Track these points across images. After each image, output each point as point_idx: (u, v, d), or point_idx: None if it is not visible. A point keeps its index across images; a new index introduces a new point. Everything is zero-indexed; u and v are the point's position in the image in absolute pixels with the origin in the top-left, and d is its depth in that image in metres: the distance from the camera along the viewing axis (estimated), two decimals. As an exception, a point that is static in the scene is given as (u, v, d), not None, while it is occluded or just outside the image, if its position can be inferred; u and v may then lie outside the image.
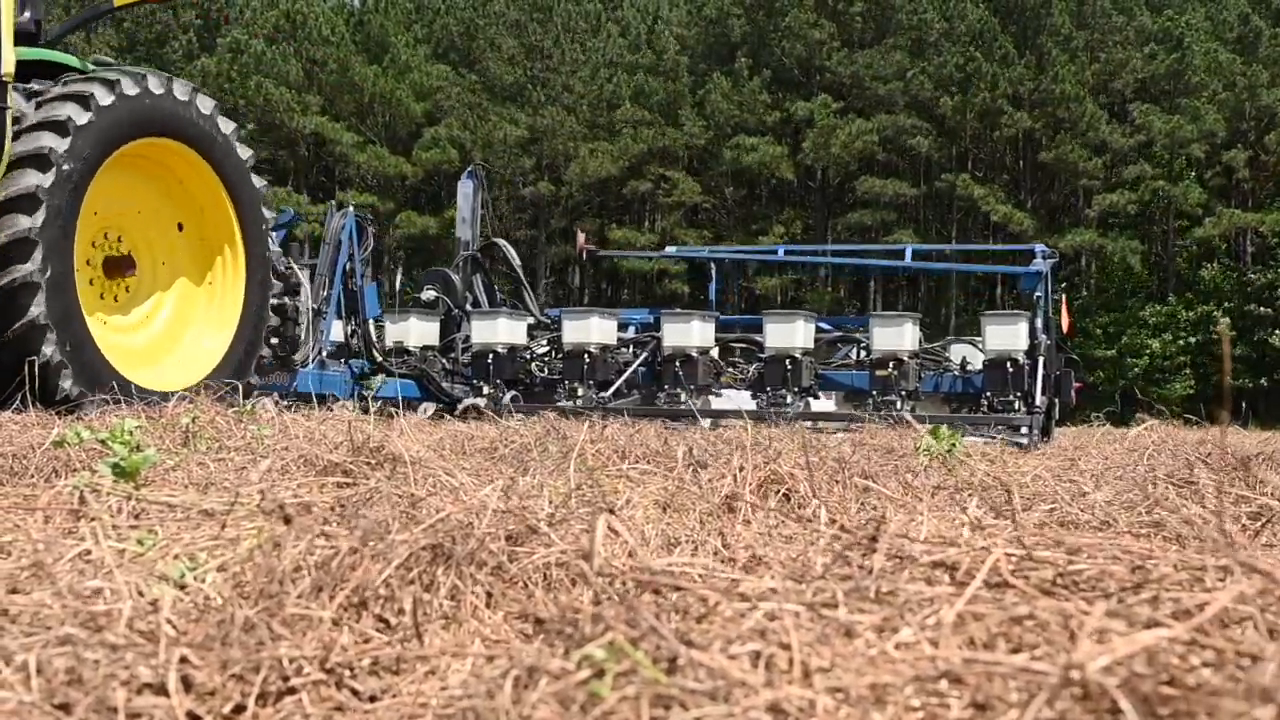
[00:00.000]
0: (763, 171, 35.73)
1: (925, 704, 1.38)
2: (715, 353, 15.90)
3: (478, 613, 2.27)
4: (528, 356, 16.00)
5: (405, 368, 15.32)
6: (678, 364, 14.58)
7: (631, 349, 15.80)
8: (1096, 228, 33.24)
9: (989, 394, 13.82)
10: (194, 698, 1.72)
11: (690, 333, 14.80)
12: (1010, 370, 13.63)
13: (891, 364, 13.98)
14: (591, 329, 15.17)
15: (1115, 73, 33.55)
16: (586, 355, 14.95)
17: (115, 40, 37.82)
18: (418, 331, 16.14)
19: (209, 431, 5.73)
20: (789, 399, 14.04)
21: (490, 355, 15.41)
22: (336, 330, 14.99)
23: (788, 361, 14.24)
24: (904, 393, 13.87)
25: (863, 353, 15.18)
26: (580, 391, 14.85)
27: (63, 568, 2.29)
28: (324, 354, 14.16)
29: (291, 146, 37.47)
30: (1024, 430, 13.08)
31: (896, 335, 14.25)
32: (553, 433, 6.34)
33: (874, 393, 13.91)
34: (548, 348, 16.24)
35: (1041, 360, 13.92)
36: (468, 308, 16.51)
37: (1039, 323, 14.36)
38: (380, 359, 15.09)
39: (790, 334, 14.47)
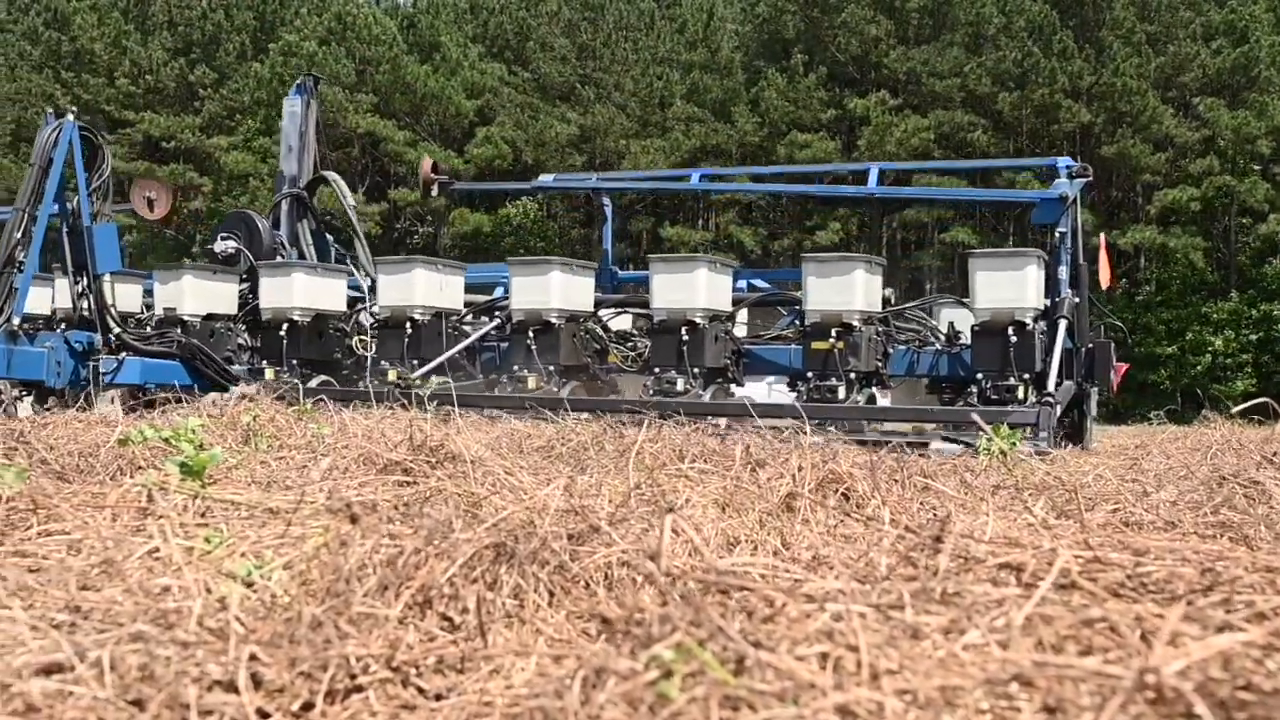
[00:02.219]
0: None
1: (995, 707, 1.37)
2: (623, 323, 12.09)
3: (540, 611, 2.28)
4: (346, 329, 12.01)
5: (164, 342, 11.53)
6: (531, 335, 10.56)
7: (487, 318, 11.87)
8: (1157, 224, 32.79)
9: (980, 375, 9.55)
10: (263, 695, 1.74)
11: (548, 289, 10.63)
12: (1013, 340, 9.34)
13: (834, 332, 9.71)
14: (415, 286, 11.17)
15: (1182, 67, 33.05)
16: (409, 324, 11.13)
17: (170, 43, 38.23)
18: (197, 294, 12.03)
19: (269, 430, 5.80)
20: (681, 386, 10.05)
21: (285, 325, 11.58)
22: (54, 292, 11.76)
23: (684, 331, 10.09)
24: (852, 375, 9.77)
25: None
26: (392, 374, 10.86)
27: (132, 565, 2.32)
28: (14, 321, 10.70)
29: (345, 146, 37.73)
30: (1036, 431, 8.63)
31: (839, 289, 9.78)
32: (609, 431, 6.34)
33: (809, 375, 9.86)
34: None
35: (1063, 326, 9.75)
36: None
37: (1062, 271, 10.15)
38: (118, 329, 11.34)
39: (689, 289, 10.20)
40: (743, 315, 12.00)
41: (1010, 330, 9.36)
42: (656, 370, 10.27)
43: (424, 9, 41.44)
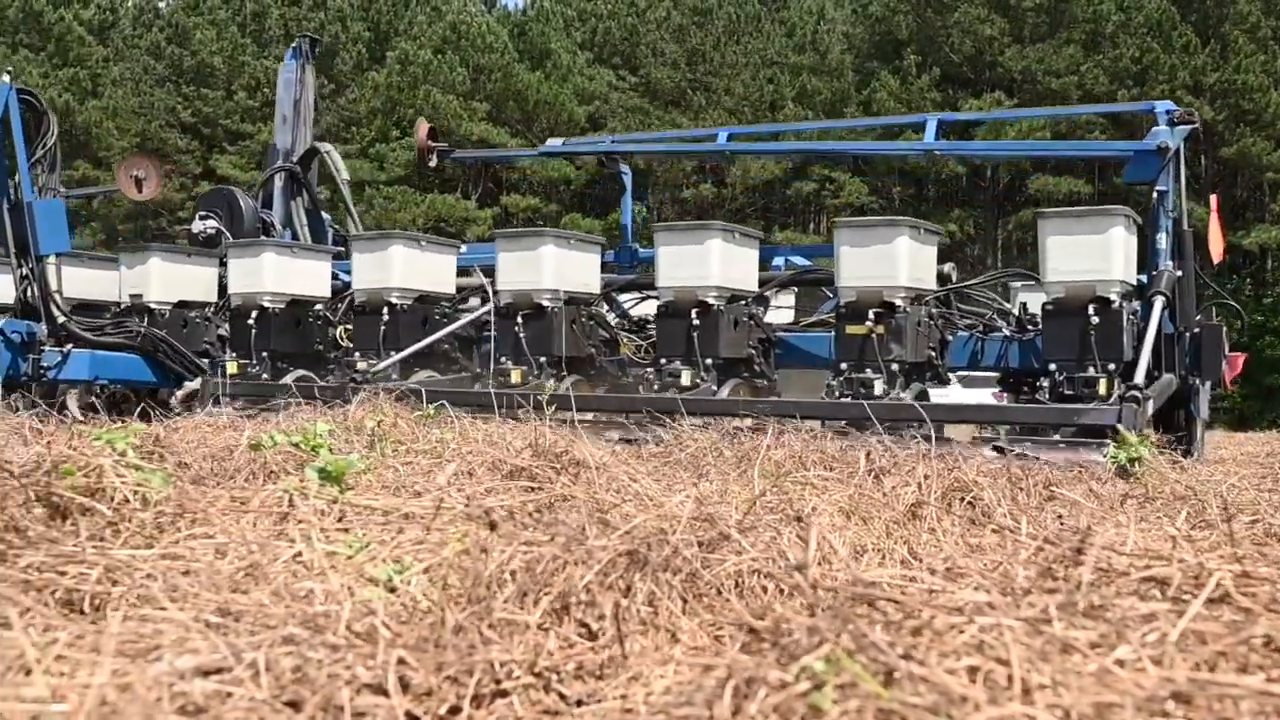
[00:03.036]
0: (930, 170, 35.21)
1: (1152, 725, 1.35)
2: (649, 309, 10.04)
3: (674, 618, 2.30)
4: (331, 318, 10.53)
5: (119, 332, 10.30)
6: (519, 321, 9.01)
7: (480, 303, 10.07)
8: (1282, 224, 31.87)
9: (1052, 365, 7.76)
10: (411, 698, 1.78)
11: (539, 267, 9.05)
12: (1094, 322, 7.52)
13: (871, 314, 7.93)
14: (393, 266, 9.62)
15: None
16: (386, 310, 9.60)
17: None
18: (166, 279, 10.72)
19: (393, 434, 5.89)
20: (687, 379, 8.46)
21: (255, 312, 10.10)
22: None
23: (694, 314, 8.46)
24: (894, 367, 7.96)
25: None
26: (362, 365, 9.46)
27: (277, 569, 2.38)
28: None
29: (459, 153, 38.27)
30: (1115, 434, 6.56)
31: (878, 260, 7.98)
32: (726, 437, 6.34)
33: (842, 366, 8.05)
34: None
35: (1160, 305, 7.92)
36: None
37: (1161, 239, 8.34)
38: (63, 318, 10.08)
39: (699, 264, 8.54)
40: (789, 299, 10.86)
41: (1091, 309, 7.57)
42: (662, 361, 8.66)
43: (534, 17, 41.85)
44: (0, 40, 39.43)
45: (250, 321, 10.09)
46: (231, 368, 10.05)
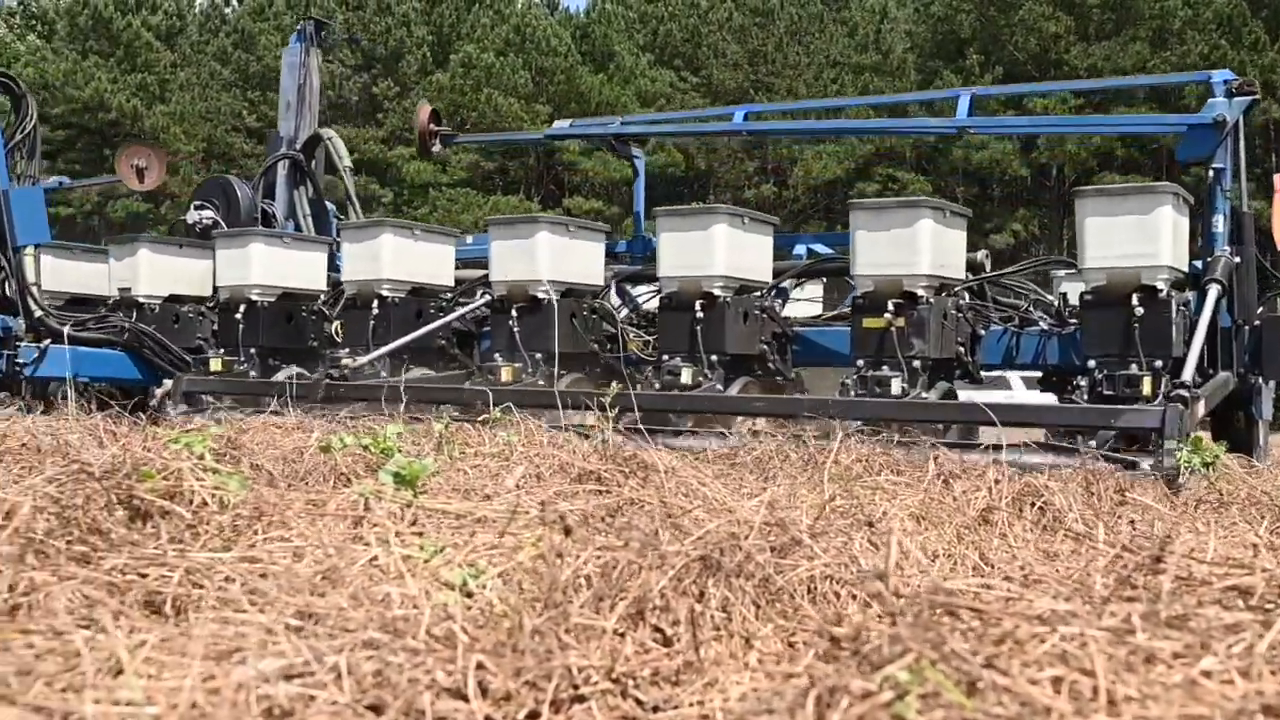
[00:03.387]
0: (994, 170, 34.92)
1: (1241, 738, 1.34)
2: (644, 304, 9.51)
3: (747, 624, 2.30)
4: (327, 312, 9.85)
5: (102, 328, 9.83)
6: (514, 314, 8.36)
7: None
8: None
9: (1091, 362, 6.88)
10: (490, 703, 1.79)
11: (534, 256, 8.39)
12: (1139, 313, 6.69)
13: (890, 305, 7.18)
14: (383, 257, 9.06)
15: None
16: (376, 304, 9.01)
17: (352, 59, 39.46)
18: (156, 271, 10.11)
19: (459, 437, 5.93)
20: (688, 377, 7.69)
21: (243, 307, 9.47)
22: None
23: (698, 307, 7.76)
24: (916, 364, 7.18)
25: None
26: (346, 361, 8.69)
27: (354, 573, 2.41)
28: None
29: (521, 156, 38.44)
30: (1163, 442, 5.88)
31: (897, 246, 7.22)
32: (792, 441, 6.31)
33: (859, 364, 7.31)
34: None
35: (1214, 294, 7.14)
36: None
37: (1218, 221, 7.61)
38: (41, 313, 9.65)
39: (703, 252, 7.81)
40: (817, 290, 10.11)
41: (1135, 299, 6.71)
42: (664, 358, 7.93)
43: (596, 19, 41.97)
44: (71, 47, 40.16)
45: (238, 316, 9.47)
46: (215, 364, 9.41)
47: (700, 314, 7.74)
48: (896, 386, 7.06)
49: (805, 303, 10.05)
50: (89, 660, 1.68)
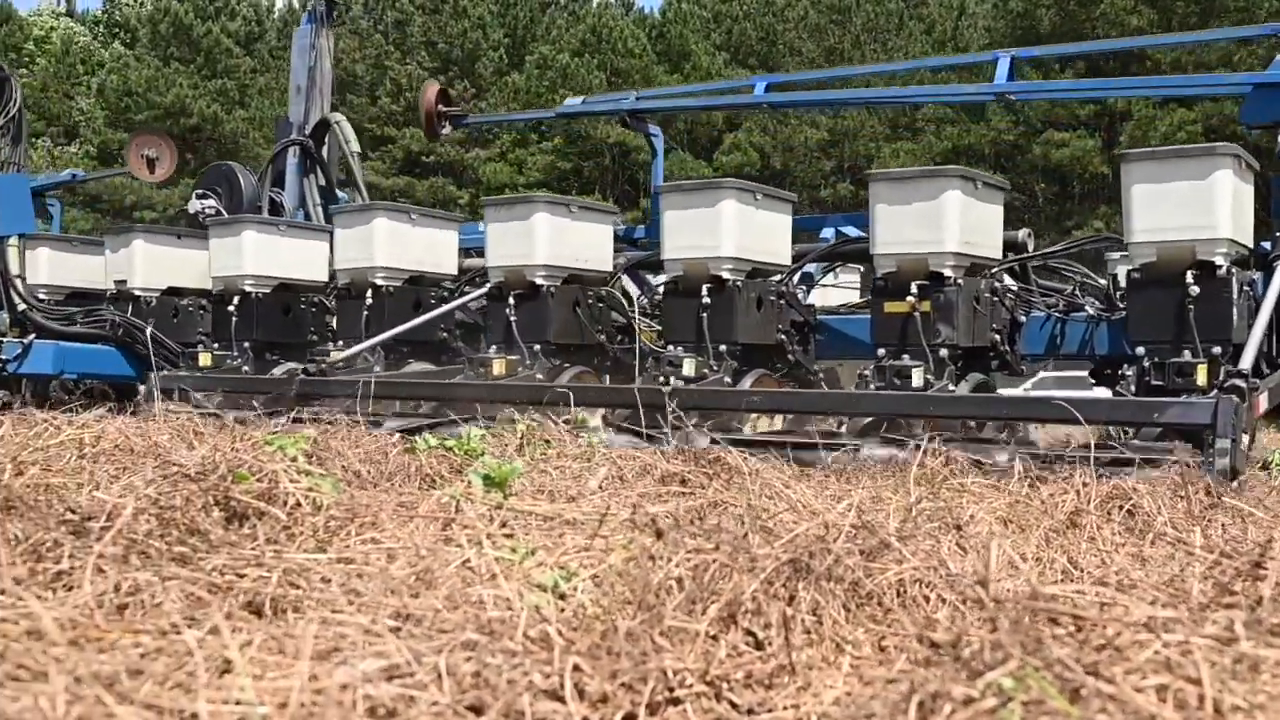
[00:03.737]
0: (1075, 167, 34.42)
1: (1353, 749, 1.32)
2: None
3: (838, 628, 2.30)
4: (328, 304, 9.38)
5: (90, 322, 9.35)
6: (510, 303, 7.78)
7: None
8: None
9: (1140, 349, 6.05)
10: (587, 705, 1.81)
11: (531, 239, 7.78)
12: (1193, 293, 5.88)
13: (914, 287, 6.43)
14: (376, 242, 8.49)
15: None
16: (370, 293, 8.52)
17: (428, 61, 39.83)
18: (153, 263, 9.56)
19: (540, 438, 5.97)
20: (690, 369, 7.04)
21: (237, 298, 8.97)
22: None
23: (704, 292, 7.07)
24: (943, 352, 6.41)
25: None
26: (334, 354, 8.31)
27: (447, 574, 2.45)
28: None
29: (596, 157, 38.57)
30: (1218, 440, 5.12)
31: (921, 221, 6.43)
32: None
33: (879, 352, 6.56)
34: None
35: None
36: None
37: None
38: (23, 305, 9.24)
39: (709, 232, 7.07)
40: (853, 277, 9.30)
41: (1189, 277, 5.89)
42: (668, 347, 7.28)
43: (672, 19, 41.99)
44: (153, 54, 40.93)
45: (231, 308, 8.96)
46: (204, 359, 8.96)
47: (707, 299, 7.06)
48: (918, 378, 6.35)
49: (840, 289, 9.42)
50: (200, 659, 1.73)
